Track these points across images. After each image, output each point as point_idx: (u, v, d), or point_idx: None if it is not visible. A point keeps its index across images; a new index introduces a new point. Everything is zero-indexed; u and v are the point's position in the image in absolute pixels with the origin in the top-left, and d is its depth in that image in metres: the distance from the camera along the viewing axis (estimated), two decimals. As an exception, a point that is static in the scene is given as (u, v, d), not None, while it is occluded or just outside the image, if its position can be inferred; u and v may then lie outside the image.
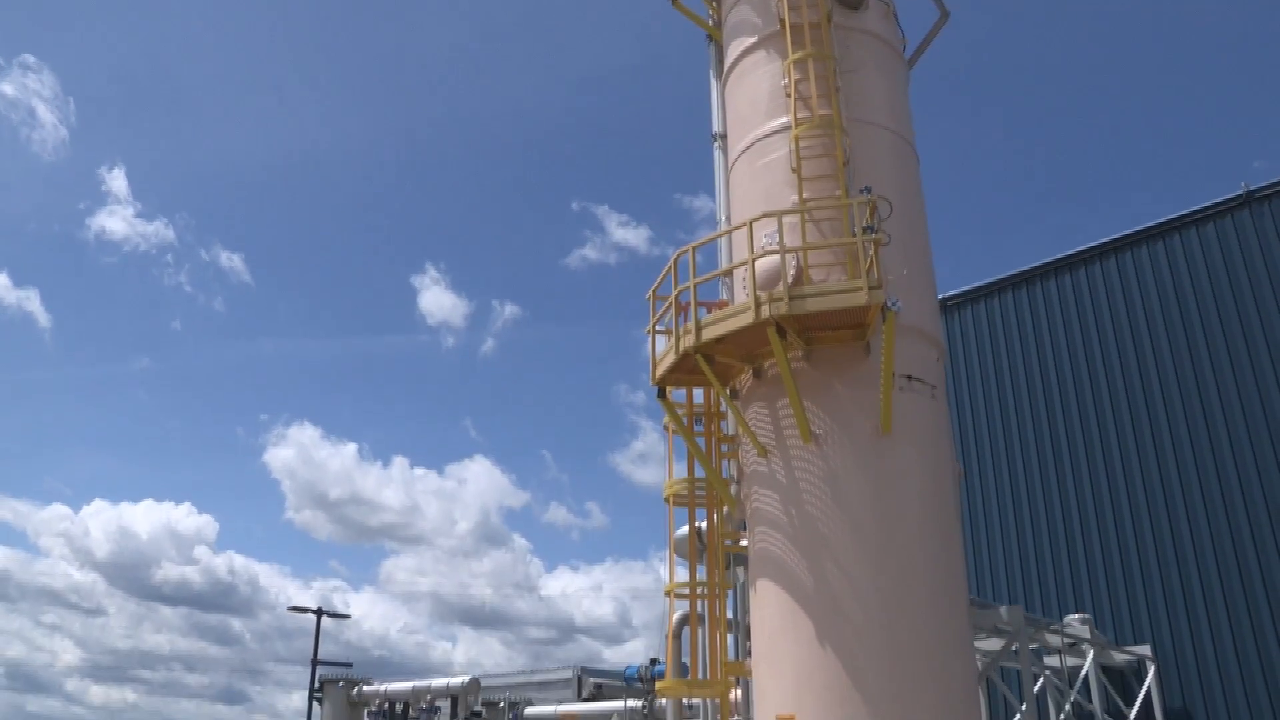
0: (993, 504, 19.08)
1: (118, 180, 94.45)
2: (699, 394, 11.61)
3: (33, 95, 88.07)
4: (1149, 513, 16.80)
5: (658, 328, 11.25)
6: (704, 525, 11.38)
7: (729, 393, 10.92)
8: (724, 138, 13.05)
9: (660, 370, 10.92)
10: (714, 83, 13.57)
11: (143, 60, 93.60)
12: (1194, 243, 17.62)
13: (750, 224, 10.35)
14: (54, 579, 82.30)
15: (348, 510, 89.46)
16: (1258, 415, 15.96)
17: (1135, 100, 70.40)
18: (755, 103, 11.98)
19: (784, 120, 11.38)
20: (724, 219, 12.63)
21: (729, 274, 11.37)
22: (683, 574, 11.54)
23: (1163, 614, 16.15)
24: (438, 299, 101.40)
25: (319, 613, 35.69)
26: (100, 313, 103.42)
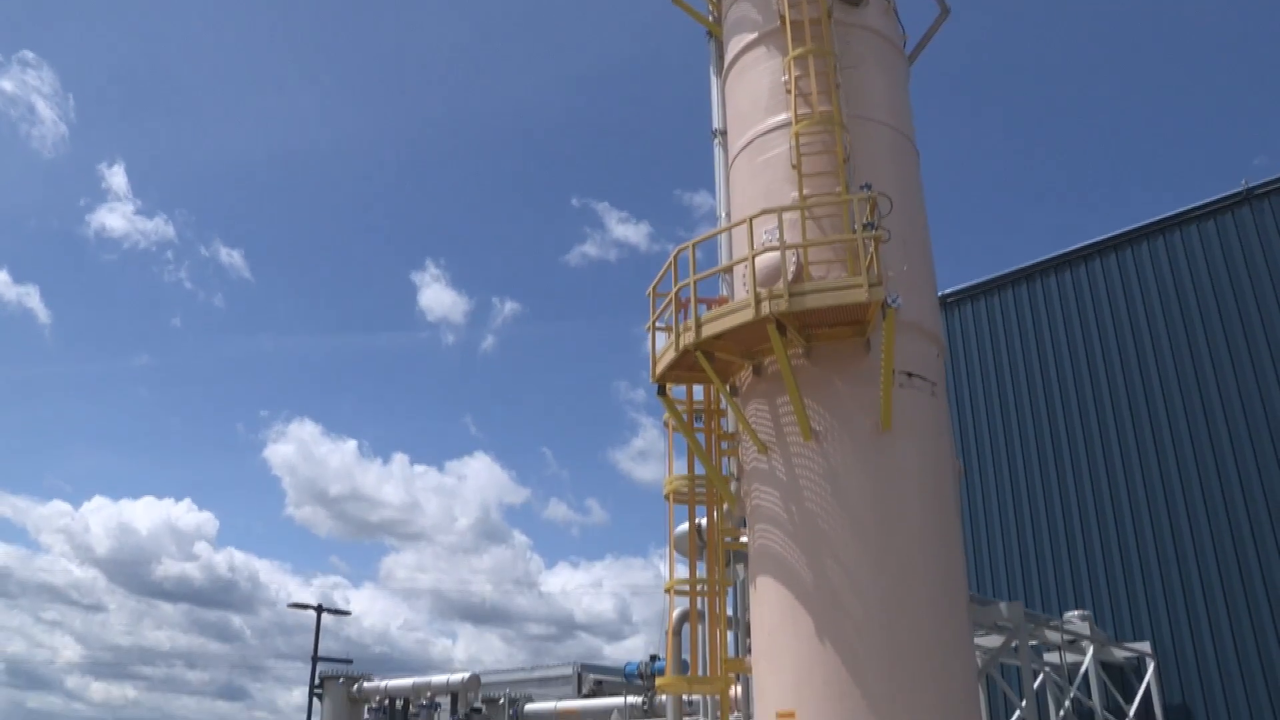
0: (993, 501, 19.08)
1: (117, 177, 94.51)
2: (699, 391, 11.61)
3: (32, 92, 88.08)
4: (1149, 509, 16.80)
5: (658, 324, 11.24)
6: (704, 522, 11.38)
7: (729, 389, 10.91)
8: (724, 134, 13.03)
9: (660, 367, 10.91)
10: (714, 79, 13.54)
11: (143, 57, 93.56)
12: (1194, 239, 17.60)
13: (750, 220, 10.34)
14: (54, 575, 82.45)
15: (348, 507, 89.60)
16: (1258, 412, 15.95)
17: (1136, 97, 70.39)
18: (755, 99, 11.97)
19: (784, 117, 11.37)
20: (724, 215, 12.61)
21: (729, 271, 11.36)
22: (683, 571, 11.55)
23: (1162, 611, 16.16)
24: (438, 296, 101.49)
25: (319, 609, 35.77)
26: (100, 309, 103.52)
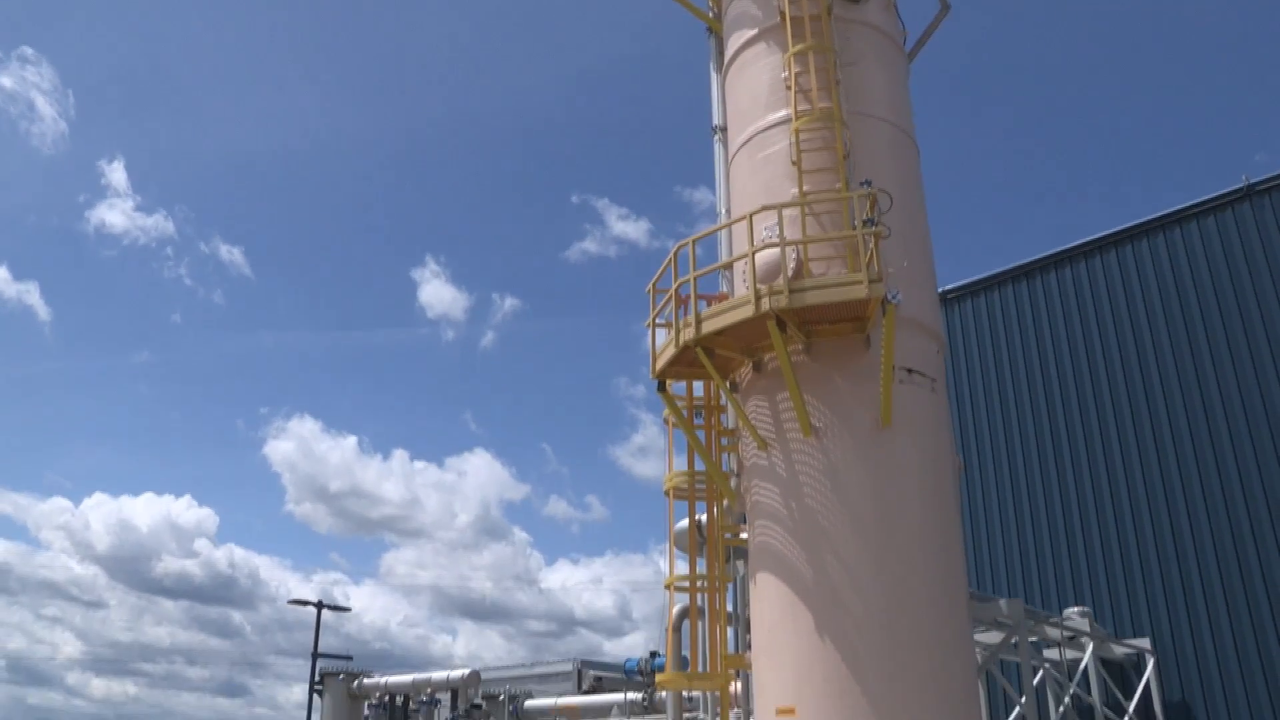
0: (993, 497, 19.08)
1: (117, 173, 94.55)
2: (699, 387, 11.60)
3: (32, 88, 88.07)
4: (1149, 506, 16.81)
5: (658, 321, 11.23)
6: (704, 518, 11.39)
7: (729, 386, 10.91)
8: (724, 130, 13.01)
9: (660, 363, 10.91)
10: (714, 75, 13.52)
11: (142, 53, 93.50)
12: (1194, 236, 17.59)
13: (750, 217, 10.33)
14: (55, 572, 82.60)
15: (348, 503, 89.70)
16: (1258, 409, 15.95)
17: (1136, 93, 70.34)
18: (755, 96, 11.96)
19: (784, 113, 11.36)
20: (724, 212, 12.61)
21: (729, 267, 11.36)
22: (683, 567, 11.56)
23: (1162, 607, 16.17)
24: (438, 292, 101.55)
25: (319, 605, 35.75)
26: (100, 306, 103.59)
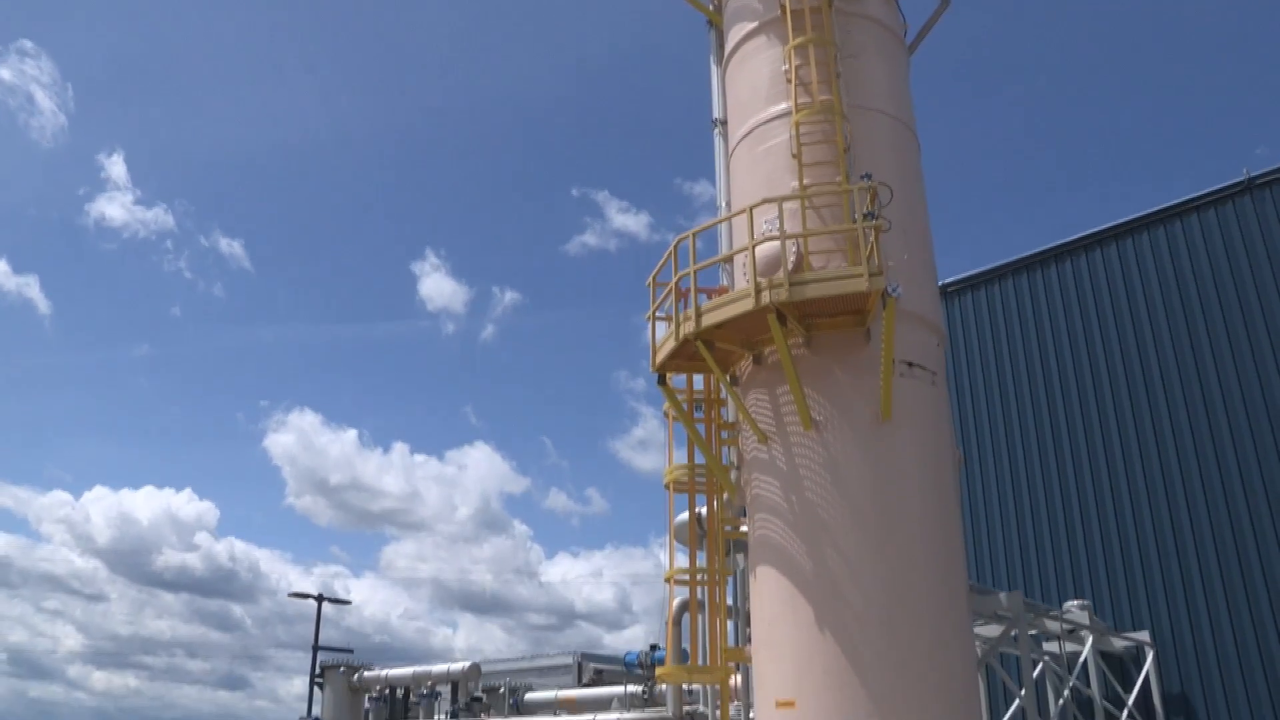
0: (993, 490, 19.09)
1: (117, 166, 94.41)
2: (699, 380, 11.61)
3: (31, 81, 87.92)
4: (1149, 499, 16.81)
5: (658, 314, 11.23)
6: (704, 511, 11.39)
7: (729, 379, 10.91)
8: (724, 123, 12.99)
9: (660, 356, 10.90)
10: (714, 68, 13.50)
11: (142, 46, 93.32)
12: (1195, 229, 17.57)
13: (750, 210, 10.32)
14: (55, 565, 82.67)
15: (348, 496, 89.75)
16: (1258, 402, 15.94)
17: (1137, 87, 70.21)
18: (755, 88, 11.93)
19: (784, 106, 11.34)
20: (724, 205, 12.59)
21: (729, 260, 11.34)
22: (683, 560, 11.56)
23: (1162, 600, 16.18)
24: (438, 285, 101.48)
25: (320, 598, 35.84)
26: (100, 299, 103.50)
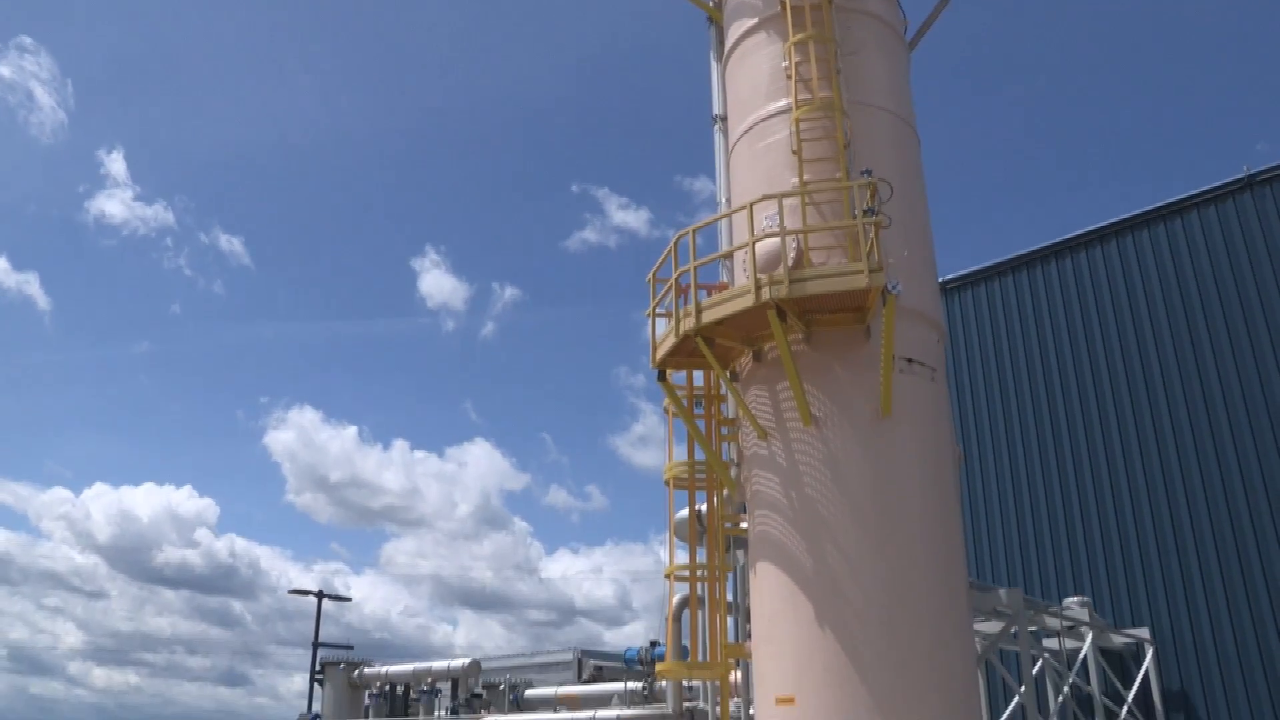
0: (992, 487, 19.10)
1: (116, 163, 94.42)
2: (699, 376, 11.60)
3: (30, 78, 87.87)
4: (1148, 496, 16.82)
5: (658, 310, 11.23)
6: (704, 508, 11.39)
7: (729, 375, 10.91)
8: (724, 120, 12.99)
9: (660, 353, 10.90)
10: (714, 65, 13.49)
11: (142, 43, 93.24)
12: (1195, 226, 17.56)
13: (750, 206, 10.31)
14: (56, 562, 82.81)
15: (348, 493, 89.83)
16: (1258, 399, 15.94)
17: (1137, 83, 70.17)
18: (756, 85, 11.92)
19: (784, 102, 11.33)
20: (724, 201, 12.59)
21: (729, 256, 11.34)
22: (683, 557, 11.56)
23: (1161, 597, 16.19)
24: (438, 282, 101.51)
25: (320, 595, 35.84)
26: (100, 296, 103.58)
